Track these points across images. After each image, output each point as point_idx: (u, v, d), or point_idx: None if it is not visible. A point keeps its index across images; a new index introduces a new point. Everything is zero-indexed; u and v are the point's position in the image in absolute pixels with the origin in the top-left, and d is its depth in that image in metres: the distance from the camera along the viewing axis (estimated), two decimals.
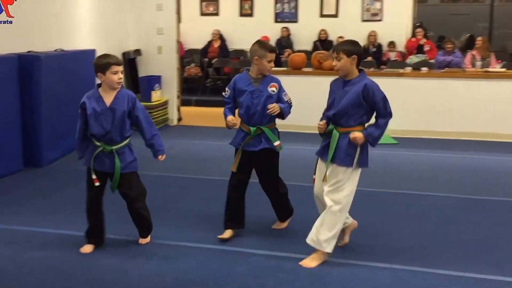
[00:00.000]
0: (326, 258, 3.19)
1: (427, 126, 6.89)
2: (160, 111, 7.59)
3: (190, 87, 10.19)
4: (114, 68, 3.15)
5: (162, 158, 3.35)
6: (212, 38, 10.50)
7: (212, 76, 10.47)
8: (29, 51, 5.35)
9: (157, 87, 7.62)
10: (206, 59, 10.41)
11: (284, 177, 3.76)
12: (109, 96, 3.20)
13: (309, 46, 10.13)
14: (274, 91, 3.49)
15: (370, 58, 9.40)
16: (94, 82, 6.58)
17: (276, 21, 10.57)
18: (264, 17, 10.58)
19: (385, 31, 9.85)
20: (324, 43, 9.96)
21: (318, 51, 7.87)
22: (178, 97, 8.08)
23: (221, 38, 10.53)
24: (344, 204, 3.11)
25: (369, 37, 9.82)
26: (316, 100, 3.84)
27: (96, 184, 3.19)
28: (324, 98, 3.69)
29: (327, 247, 3.14)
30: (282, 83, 3.56)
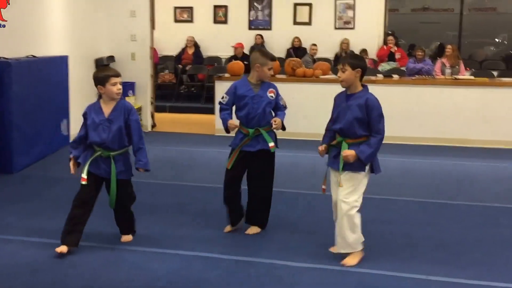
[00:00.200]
0: (363, 254, 3.35)
1: (398, 132, 7.01)
2: None
3: (164, 94, 10.17)
4: (113, 80, 3.34)
5: (141, 170, 3.47)
6: (186, 45, 10.50)
7: (186, 82, 10.46)
8: None
9: (130, 94, 7.59)
10: (180, 66, 10.40)
11: None
12: (108, 107, 3.39)
13: (282, 53, 10.22)
14: (272, 97, 3.71)
15: None
16: (67, 88, 6.60)
17: (250, 28, 10.63)
18: (238, 24, 10.63)
19: (357, 39, 10.01)
20: (297, 51, 10.06)
21: (291, 58, 7.96)
22: (151, 103, 8.06)
23: (195, 45, 10.54)
24: (358, 206, 3.28)
25: (341, 44, 9.97)
26: (288, 106, 3.93)
27: (83, 182, 3.30)
28: (297, 104, 3.79)
29: (359, 246, 3.32)
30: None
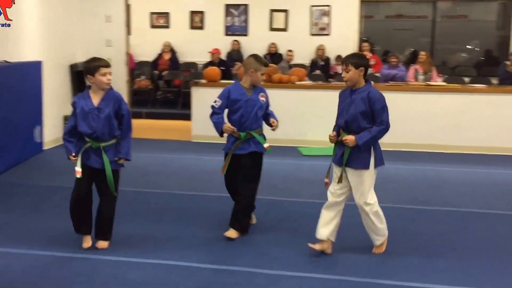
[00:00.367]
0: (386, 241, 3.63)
1: None
2: None
3: (141, 100, 10.09)
4: (103, 70, 3.37)
5: (121, 161, 3.49)
6: (162, 50, 10.45)
7: (162, 88, 10.41)
8: None
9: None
10: (156, 72, 10.34)
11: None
12: (97, 96, 3.43)
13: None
14: (264, 101, 3.89)
15: (318, 72, 9.62)
16: (41, 94, 6.48)
17: (226, 34, 10.65)
18: (214, 30, 10.64)
19: (333, 45, 10.11)
20: (273, 56, 10.11)
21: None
22: None
23: (171, 50, 10.50)
24: (376, 201, 3.47)
25: (317, 50, 10.06)
26: None
27: (77, 176, 3.37)
28: (273, 110, 3.82)
29: (387, 232, 3.60)
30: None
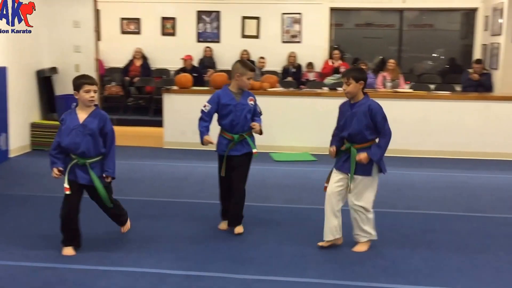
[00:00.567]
0: (369, 244, 3.78)
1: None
2: None
3: (112, 106, 9.95)
4: (87, 87, 3.50)
5: (108, 179, 3.58)
6: (134, 57, 10.38)
7: (133, 95, 10.32)
8: None
9: (74, 106, 7.38)
10: (127, 78, 10.26)
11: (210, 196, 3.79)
12: (83, 114, 3.55)
13: (231, 66, 10.25)
14: (252, 104, 4.05)
15: (290, 78, 9.72)
16: (6, 100, 6.35)
17: (198, 40, 10.66)
18: (186, 36, 10.63)
19: (304, 52, 10.25)
20: None
21: None
22: None
23: (143, 57, 10.44)
24: (371, 207, 3.69)
25: (289, 58, 10.16)
26: None
27: (67, 192, 3.46)
28: None
29: (373, 232, 3.77)
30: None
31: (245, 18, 10.49)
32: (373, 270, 3.46)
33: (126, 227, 3.90)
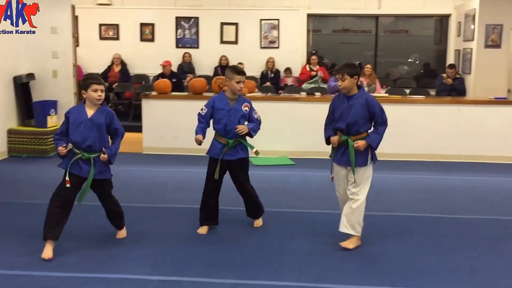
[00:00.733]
0: (359, 242, 3.89)
1: (321, 147, 7.19)
2: None
3: None
4: (94, 86, 3.67)
5: (104, 155, 3.72)
6: (112, 62, 10.35)
7: (112, 100, 10.29)
8: None
9: (52, 112, 7.37)
10: (106, 84, 10.21)
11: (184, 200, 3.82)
12: (91, 110, 3.72)
13: (210, 71, 10.35)
14: (246, 110, 4.17)
15: (268, 84, 9.81)
16: None
17: (177, 46, 10.69)
18: (165, 42, 10.65)
19: (282, 58, 10.36)
20: (224, 69, 10.15)
21: (218, 76, 8.08)
22: None
23: (122, 62, 10.42)
24: (366, 195, 3.85)
25: (267, 63, 10.25)
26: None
27: (67, 185, 3.58)
28: None
29: (359, 231, 3.86)
30: (184, 108, 4.03)
31: (223, 24, 10.56)
32: (348, 272, 3.53)
33: (122, 234, 4.00)
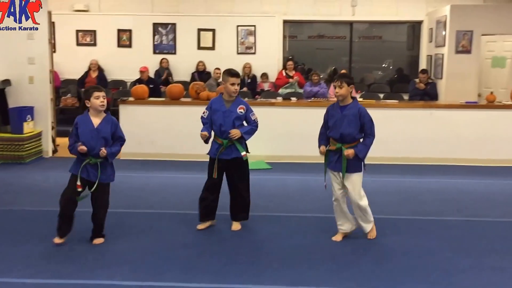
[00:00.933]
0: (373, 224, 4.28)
1: (298, 151, 7.42)
2: (33, 143, 7.29)
3: (67, 118, 9.82)
4: (96, 94, 3.88)
5: (103, 151, 3.88)
6: (90, 68, 10.32)
7: None
8: None
9: (29, 119, 7.33)
10: (83, 90, 10.16)
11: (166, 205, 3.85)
12: (97, 119, 3.93)
13: (187, 77, 10.41)
14: (242, 112, 4.32)
15: (245, 89, 9.90)
16: None
17: (155, 52, 10.72)
18: (142, 48, 10.68)
19: (258, 63, 10.48)
20: (202, 74, 10.29)
21: (195, 82, 8.14)
22: (52, 128, 7.82)
23: (99, 68, 10.39)
24: (364, 196, 4.15)
25: (244, 68, 10.35)
26: (192, 129, 4.17)
27: (79, 189, 3.87)
28: (200, 127, 4.02)
29: (372, 221, 4.27)
30: (162, 113, 4.12)
31: (200, 30, 10.63)
32: (324, 273, 3.61)
33: (99, 240, 4.09)
